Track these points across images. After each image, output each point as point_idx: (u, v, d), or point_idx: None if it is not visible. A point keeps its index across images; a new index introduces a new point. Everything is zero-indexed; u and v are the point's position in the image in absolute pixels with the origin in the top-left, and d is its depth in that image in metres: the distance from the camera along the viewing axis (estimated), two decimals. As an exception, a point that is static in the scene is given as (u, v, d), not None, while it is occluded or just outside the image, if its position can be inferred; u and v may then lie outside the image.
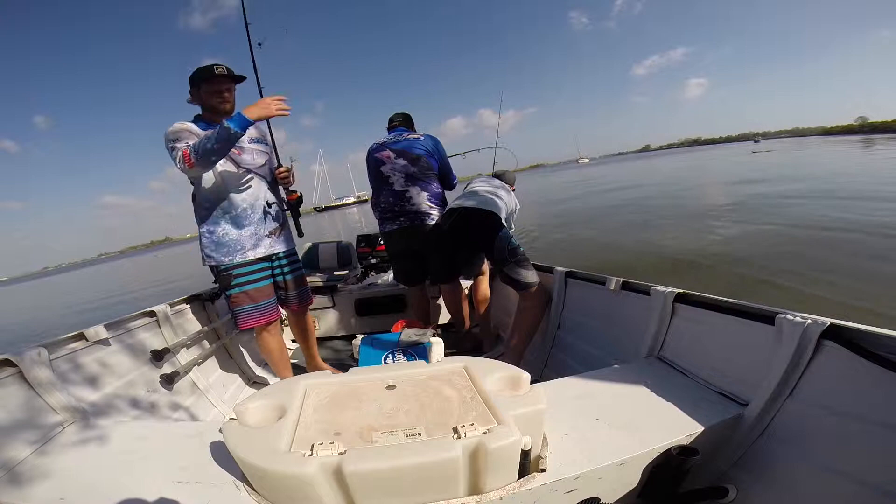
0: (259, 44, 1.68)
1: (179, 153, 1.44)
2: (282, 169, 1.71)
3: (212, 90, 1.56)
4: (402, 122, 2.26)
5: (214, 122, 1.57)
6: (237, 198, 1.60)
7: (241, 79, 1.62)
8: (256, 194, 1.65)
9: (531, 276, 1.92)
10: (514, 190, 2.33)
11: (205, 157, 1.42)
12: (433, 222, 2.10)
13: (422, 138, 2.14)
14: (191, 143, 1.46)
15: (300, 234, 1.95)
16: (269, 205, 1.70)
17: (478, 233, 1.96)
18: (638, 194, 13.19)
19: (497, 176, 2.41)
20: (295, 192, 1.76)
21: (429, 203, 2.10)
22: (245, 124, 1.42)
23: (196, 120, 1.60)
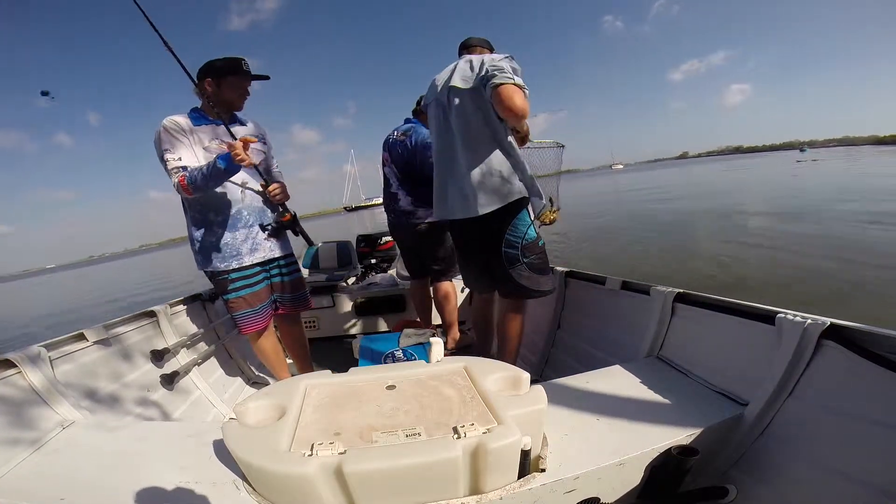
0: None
1: (176, 179, 1.43)
2: (273, 187, 1.57)
3: (238, 84, 1.52)
4: (415, 110, 2.23)
5: (213, 118, 1.53)
6: (228, 200, 1.54)
7: (264, 77, 1.60)
8: (250, 194, 1.59)
9: (546, 282, 1.48)
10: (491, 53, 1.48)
11: (202, 189, 1.44)
12: (417, 220, 2.11)
13: (408, 138, 2.07)
14: (183, 162, 1.44)
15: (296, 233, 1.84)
16: (264, 206, 1.63)
17: (483, 245, 1.50)
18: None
19: (466, 46, 1.52)
20: (287, 213, 1.64)
21: (413, 205, 2.12)
22: (232, 167, 1.38)
23: (192, 112, 1.53)
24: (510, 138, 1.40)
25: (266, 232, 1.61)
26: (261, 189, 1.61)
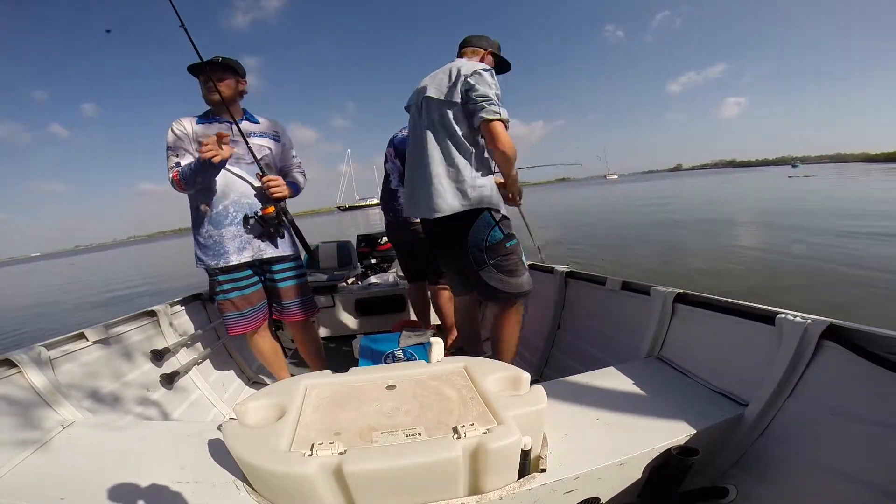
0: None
1: (171, 174, 1.49)
2: (266, 179, 1.52)
3: (202, 80, 1.54)
4: None
5: (212, 116, 1.57)
6: (217, 195, 1.52)
7: (227, 66, 1.53)
8: (241, 191, 1.54)
9: (519, 283, 1.43)
10: (489, 55, 1.55)
11: (191, 185, 1.48)
12: (415, 220, 2.06)
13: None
14: (183, 160, 1.49)
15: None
16: (256, 202, 1.57)
17: (452, 249, 1.49)
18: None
19: (462, 45, 1.57)
20: (271, 206, 1.54)
21: None
22: (211, 162, 1.35)
23: (203, 115, 1.58)
24: (482, 154, 1.41)
25: (248, 226, 1.54)
26: (257, 185, 1.57)
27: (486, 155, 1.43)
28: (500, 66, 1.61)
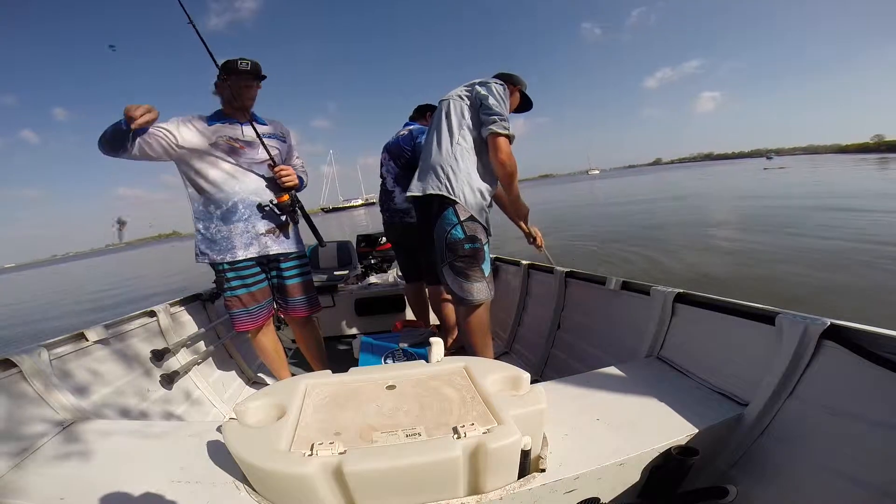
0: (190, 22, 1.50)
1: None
2: (279, 168, 1.57)
3: (235, 83, 1.55)
4: (413, 115, 2.26)
5: (230, 118, 1.58)
6: (228, 192, 1.54)
7: (262, 77, 1.60)
8: (251, 189, 1.57)
9: (469, 290, 1.44)
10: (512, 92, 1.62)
11: (106, 142, 1.39)
12: (412, 220, 2.08)
13: (405, 133, 2.11)
14: (156, 130, 1.43)
15: (321, 243, 1.79)
16: (266, 201, 1.60)
17: (430, 235, 1.53)
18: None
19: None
20: (285, 194, 1.58)
21: (408, 203, 2.07)
22: (128, 127, 1.32)
23: (213, 113, 1.59)
24: (469, 152, 1.49)
25: (263, 212, 1.58)
26: (265, 183, 1.61)
27: (471, 154, 1.49)
28: (524, 104, 1.76)
